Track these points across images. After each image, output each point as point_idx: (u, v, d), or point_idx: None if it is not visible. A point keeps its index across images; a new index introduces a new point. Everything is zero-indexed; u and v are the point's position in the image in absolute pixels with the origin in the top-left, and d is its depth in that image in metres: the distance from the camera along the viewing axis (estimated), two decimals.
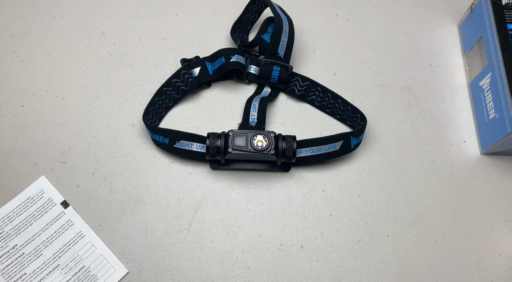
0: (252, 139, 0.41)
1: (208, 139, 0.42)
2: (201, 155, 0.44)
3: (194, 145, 0.44)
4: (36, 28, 0.52)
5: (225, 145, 0.42)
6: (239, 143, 0.41)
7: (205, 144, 0.43)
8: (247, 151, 0.41)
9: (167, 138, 0.43)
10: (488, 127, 0.46)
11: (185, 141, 0.44)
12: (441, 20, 0.56)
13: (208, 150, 0.42)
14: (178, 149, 0.44)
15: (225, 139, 0.42)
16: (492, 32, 0.46)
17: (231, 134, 0.42)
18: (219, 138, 0.42)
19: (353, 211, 0.44)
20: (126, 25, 0.53)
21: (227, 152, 0.41)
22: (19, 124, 0.47)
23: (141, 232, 0.42)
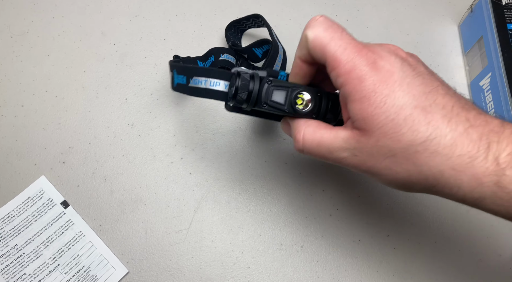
0: (294, 98, 0.31)
1: (238, 78, 0.31)
2: (220, 94, 0.33)
3: (211, 82, 0.33)
4: (36, 28, 0.52)
5: (258, 95, 0.31)
6: (278, 99, 0.31)
7: (229, 82, 0.32)
8: (283, 111, 0.31)
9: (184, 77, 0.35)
10: None
11: (200, 78, 0.34)
12: (441, 20, 0.56)
13: (236, 92, 0.31)
14: (194, 89, 0.34)
15: (259, 88, 0.31)
16: (492, 32, 0.46)
17: (268, 84, 0.31)
18: (252, 80, 0.31)
19: (353, 211, 0.44)
20: (126, 25, 0.53)
21: (260, 104, 0.31)
22: (19, 124, 0.47)
23: (141, 232, 0.42)
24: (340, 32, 0.29)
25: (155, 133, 0.47)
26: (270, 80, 0.31)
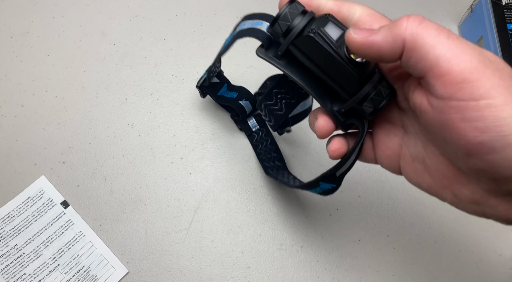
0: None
1: (289, 5, 0.27)
2: (259, 33, 0.31)
3: (254, 22, 0.33)
4: (36, 28, 0.52)
5: (305, 26, 0.26)
6: (331, 33, 0.25)
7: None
8: (332, 51, 0.25)
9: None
10: None
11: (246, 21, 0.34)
12: (441, 20, 0.56)
13: (278, 19, 0.27)
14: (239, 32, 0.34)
15: (309, 20, 0.26)
16: (492, 32, 0.46)
17: (326, 16, 0.26)
18: (303, 15, 0.26)
19: (353, 211, 0.44)
20: (126, 25, 0.53)
21: (305, 33, 0.26)
22: (19, 124, 0.47)
23: (141, 232, 0.42)
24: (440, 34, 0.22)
25: (155, 133, 0.47)
26: (328, 15, 0.26)
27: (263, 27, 0.29)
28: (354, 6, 0.25)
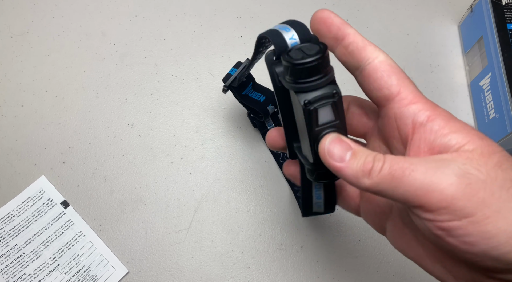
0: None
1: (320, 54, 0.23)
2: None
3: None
4: (36, 28, 0.52)
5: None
6: (322, 116, 0.24)
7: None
8: (310, 130, 0.24)
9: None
10: (488, 128, 0.46)
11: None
12: (441, 20, 0.56)
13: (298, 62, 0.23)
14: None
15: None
16: (492, 32, 0.46)
17: (334, 93, 0.24)
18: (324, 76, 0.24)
19: None
20: (126, 25, 0.53)
21: (304, 99, 0.24)
22: (19, 124, 0.47)
23: (141, 232, 0.42)
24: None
25: (155, 133, 0.47)
26: (336, 94, 0.24)
27: (287, 35, 0.26)
28: (378, 51, 0.25)
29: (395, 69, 0.24)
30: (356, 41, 0.24)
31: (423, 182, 0.20)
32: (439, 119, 0.22)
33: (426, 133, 0.22)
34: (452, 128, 0.22)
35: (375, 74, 0.24)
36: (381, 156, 0.22)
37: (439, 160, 0.21)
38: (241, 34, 0.53)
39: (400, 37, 0.54)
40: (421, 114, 0.23)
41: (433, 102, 0.23)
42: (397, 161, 0.21)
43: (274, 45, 0.26)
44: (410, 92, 0.23)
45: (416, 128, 0.23)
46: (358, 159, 0.22)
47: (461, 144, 0.22)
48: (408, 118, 0.23)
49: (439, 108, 0.23)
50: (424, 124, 0.23)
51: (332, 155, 0.23)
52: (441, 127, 0.22)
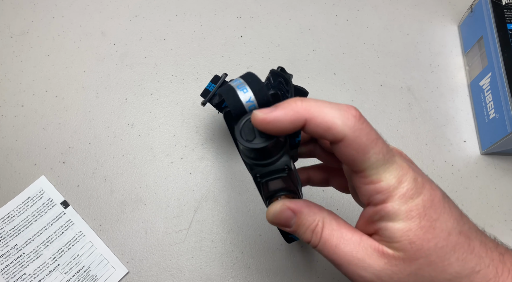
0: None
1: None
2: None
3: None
4: (36, 28, 0.52)
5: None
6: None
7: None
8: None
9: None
10: (488, 127, 0.46)
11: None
12: (441, 20, 0.56)
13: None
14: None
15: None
16: (492, 32, 0.46)
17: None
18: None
19: (354, 211, 0.44)
20: (126, 25, 0.53)
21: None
22: (19, 124, 0.47)
23: (141, 232, 0.42)
24: (375, 139, 0.23)
25: (155, 133, 0.47)
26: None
27: (245, 96, 0.24)
28: (341, 128, 0.23)
29: (360, 150, 0.22)
30: (317, 125, 0.22)
31: (413, 236, 0.23)
32: (389, 208, 0.23)
33: (373, 216, 0.24)
34: (393, 230, 0.23)
35: (341, 155, 0.23)
36: (318, 231, 0.25)
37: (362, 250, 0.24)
38: (241, 34, 0.53)
39: (400, 37, 0.54)
40: (376, 198, 0.23)
41: (397, 178, 0.23)
42: (330, 237, 0.24)
43: (231, 109, 0.25)
44: (372, 173, 0.23)
45: (369, 206, 0.24)
46: (301, 228, 0.25)
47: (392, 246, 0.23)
48: (364, 196, 0.24)
49: (398, 189, 0.23)
50: (375, 207, 0.24)
51: (279, 221, 0.26)
52: (388, 220, 0.23)
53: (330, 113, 0.22)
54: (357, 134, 0.22)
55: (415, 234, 0.22)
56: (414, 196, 0.23)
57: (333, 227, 0.25)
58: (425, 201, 0.23)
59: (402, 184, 0.23)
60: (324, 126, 0.22)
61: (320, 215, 0.25)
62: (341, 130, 0.22)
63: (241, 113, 0.24)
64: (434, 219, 0.22)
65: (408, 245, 0.22)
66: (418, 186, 0.23)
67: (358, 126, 0.22)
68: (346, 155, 0.23)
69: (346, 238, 0.24)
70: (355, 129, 0.22)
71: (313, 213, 0.25)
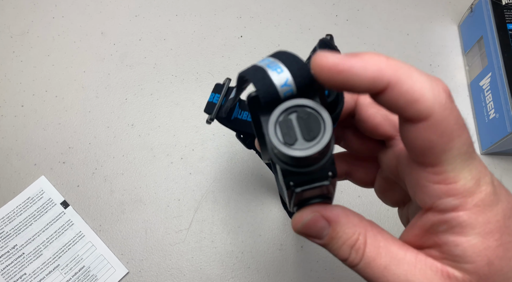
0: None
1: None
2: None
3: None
4: (36, 28, 0.52)
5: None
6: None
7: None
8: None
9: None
10: (488, 128, 0.46)
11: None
12: (441, 20, 0.56)
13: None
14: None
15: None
16: (492, 32, 0.46)
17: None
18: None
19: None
20: (126, 25, 0.53)
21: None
22: (19, 124, 0.47)
23: (141, 232, 0.42)
24: (463, 125, 0.18)
25: (155, 133, 0.47)
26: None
27: (278, 78, 0.18)
28: (432, 102, 0.17)
29: (446, 135, 0.17)
30: (402, 93, 0.17)
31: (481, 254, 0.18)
32: (463, 218, 0.18)
33: (437, 225, 0.19)
34: (470, 247, 0.18)
35: (416, 139, 0.18)
36: (360, 247, 0.20)
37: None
38: (241, 34, 0.53)
39: (400, 37, 0.54)
40: (446, 203, 0.18)
41: (476, 180, 0.18)
42: (377, 256, 0.19)
43: (259, 94, 0.18)
44: (449, 168, 0.18)
45: (430, 211, 0.19)
46: (336, 242, 0.21)
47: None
48: (429, 197, 0.19)
49: (476, 194, 0.18)
50: (443, 214, 0.19)
51: (309, 232, 0.22)
52: (460, 234, 0.18)
53: (419, 81, 0.17)
54: (446, 115, 0.17)
55: (494, 252, 0.18)
56: (493, 204, 0.18)
57: (379, 242, 0.20)
58: (505, 210, 0.18)
59: (481, 187, 0.18)
60: (410, 97, 0.17)
61: (362, 226, 0.20)
62: (430, 106, 0.17)
63: (273, 101, 0.18)
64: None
65: (486, 266, 0.18)
66: (496, 191, 0.18)
67: (449, 105, 0.17)
68: (423, 139, 0.17)
69: (398, 257, 0.19)
70: (446, 107, 0.17)
71: (352, 224, 0.20)
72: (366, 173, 0.27)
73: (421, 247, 0.20)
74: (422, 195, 0.19)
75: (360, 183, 0.27)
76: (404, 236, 0.21)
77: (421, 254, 0.19)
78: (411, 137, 0.18)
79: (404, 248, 0.20)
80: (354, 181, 0.28)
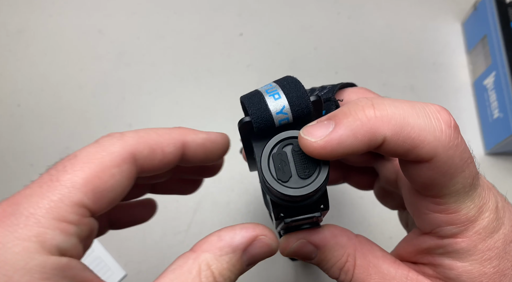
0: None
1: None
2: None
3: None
4: (33, 27, 0.51)
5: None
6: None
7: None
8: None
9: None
10: (492, 127, 0.45)
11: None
12: (445, 18, 0.55)
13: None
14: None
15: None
16: (496, 31, 0.46)
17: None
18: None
19: (355, 213, 0.43)
20: (123, 23, 0.52)
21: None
22: (15, 124, 0.46)
23: (139, 234, 0.42)
24: (468, 159, 0.17)
25: None
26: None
27: (274, 105, 0.18)
28: (433, 145, 0.17)
29: (449, 173, 0.17)
30: (399, 144, 0.17)
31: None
32: (461, 245, 0.18)
33: (435, 248, 0.19)
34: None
35: (418, 177, 0.18)
36: (349, 269, 0.20)
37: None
38: (241, 32, 0.52)
39: (403, 36, 0.53)
40: (446, 230, 0.18)
41: (479, 207, 0.18)
42: (366, 276, 0.19)
43: (253, 119, 0.18)
44: (451, 201, 0.18)
45: (430, 235, 0.19)
46: (325, 264, 0.21)
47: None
48: (429, 224, 0.19)
49: (478, 222, 0.18)
50: (441, 239, 0.18)
51: (297, 255, 0.22)
52: (456, 258, 0.18)
53: (417, 125, 0.16)
54: (450, 154, 0.16)
55: (490, 278, 0.18)
56: (494, 230, 0.18)
57: (369, 261, 0.20)
58: (506, 235, 0.18)
59: (483, 214, 0.18)
60: (408, 145, 0.16)
61: (351, 246, 0.20)
62: (432, 149, 0.16)
63: (267, 128, 0.18)
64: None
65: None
66: (499, 215, 0.18)
67: (453, 143, 0.16)
68: (426, 178, 0.17)
69: (389, 275, 0.19)
70: (450, 147, 0.16)
71: (340, 246, 0.20)
72: (362, 178, 0.27)
73: (415, 262, 0.20)
74: (421, 220, 0.19)
75: (358, 186, 0.27)
76: (398, 249, 0.21)
77: (412, 272, 0.19)
78: (413, 175, 0.18)
79: (395, 265, 0.20)
80: (352, 184, 0.27)
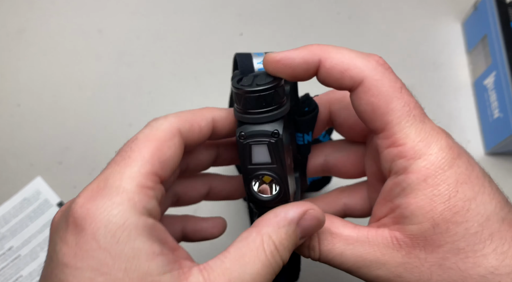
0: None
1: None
2: None
3: None
4: (33, 27, 0.51)
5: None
6: (255, 154, 0.22)
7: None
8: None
9: None
10: (492, 127, 0.45)
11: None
12: (445, 18, 0.55)
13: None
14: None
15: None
16: (496, 31, 0.46)
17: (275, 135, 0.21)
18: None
19: None
20: (123, 23, 0.52)
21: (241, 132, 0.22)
22: (15, 124, 0.46)
23: None
24: (400, 88, 0.20)
25: None
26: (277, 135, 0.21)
27: (257, 59, 0.25)
28: (362, 72, 0.20)
29: (382, 97, 0.19)
30: (332, 66, 0.20)
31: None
32: (411, 179, 0.19)
33: (392, 189, 0.20)
34: (419, 201, 0.19)
35: (360, 105, 0.20)
36: (314, 245, 0.21)
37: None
38: (242, 32, 0.52)
39: (403, 35, 0.53)
40: (398, 164, 0.19)
41: (426, 142, 0.19)
42: (331, 247, 0.21)
43: (239, 65, 0.24)
44: (395, 130, 0.19)
45: (390, 177, 0.20)
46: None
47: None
48: (386, 162, 0.20)
49: (426, 156, 0.19)
50: (397, 176, 0.19)
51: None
52: (410, 196, 0.19)
53: (349, 54, 0.19)
54: (379, 78, 0.19)
55: (441, 214, 0.18)
56: (445, 167, 0.18)
57: (332, 233, 0.21)
58: (459, 174, 0.18)
59: (431, 149, 0.19)
60: (340, 66, 0.19)
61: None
62: (361, 71, 0.19)
63: (247, 72, 0.23)
64: (468, 198, 0.18)
65: (431, 228, 0.18)
66: (452, 155, 0.19)
67: (381, 70, 0.19)
68: (365, 104, 0.19)
69: (351, 240, 0.20)
70: (378, 72, 0.19)
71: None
72: (349, 159, 0.27)
73: (385, 214, 0.21)
74: (382, 162, 0.20)
75: (343, 174, 0.28)
76: (374, 208, 0.22)
77: (372, 229, 0.20)
78: (356, 105, 0.20)
79: (355, 229, 0.21)
80: (336, 172, 0.28)
